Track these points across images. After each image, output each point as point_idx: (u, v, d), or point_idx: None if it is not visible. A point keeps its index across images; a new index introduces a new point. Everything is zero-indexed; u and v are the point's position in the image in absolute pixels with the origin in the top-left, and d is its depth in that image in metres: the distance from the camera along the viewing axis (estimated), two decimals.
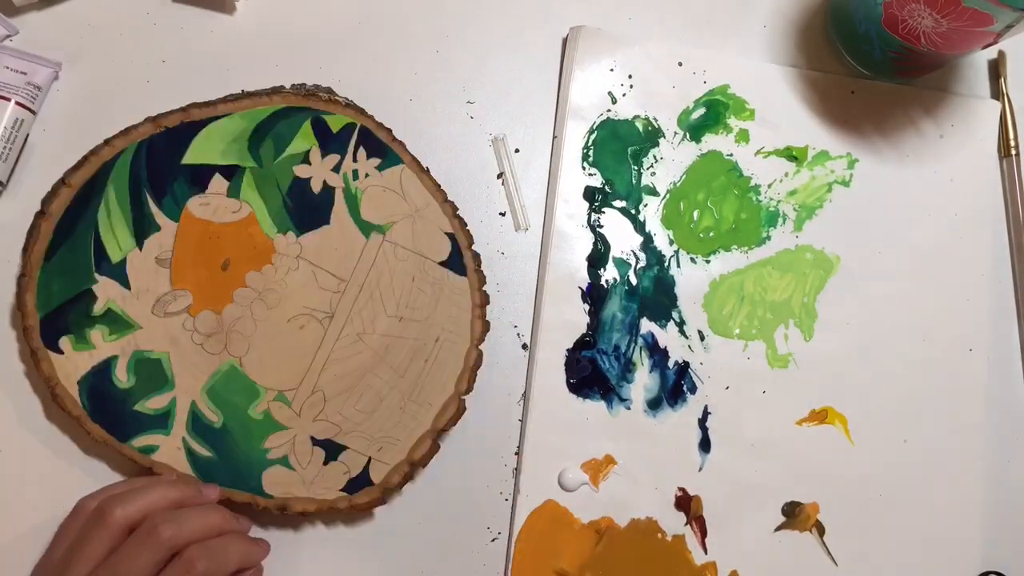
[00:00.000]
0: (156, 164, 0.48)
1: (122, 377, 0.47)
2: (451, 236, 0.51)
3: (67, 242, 0.47)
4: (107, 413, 0.46)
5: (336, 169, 0.50)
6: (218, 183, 0.49)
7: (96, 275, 0.47)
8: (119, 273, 0.47)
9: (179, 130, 0.49)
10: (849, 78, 0.57)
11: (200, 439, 0.47)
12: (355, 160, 0.50)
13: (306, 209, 0.49)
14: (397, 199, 0.50)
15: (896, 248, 0.56)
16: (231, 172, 0.49)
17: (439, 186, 0.51)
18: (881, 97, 0.57)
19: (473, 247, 0.51)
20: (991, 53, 0.60)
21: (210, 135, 0.49)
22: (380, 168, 0.50)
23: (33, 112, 0.50)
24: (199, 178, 0.49)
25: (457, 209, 0.51)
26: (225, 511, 0.44)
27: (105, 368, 0.47)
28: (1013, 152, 0.58)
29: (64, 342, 0.46)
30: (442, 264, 0.50)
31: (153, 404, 0.47)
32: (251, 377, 0.48)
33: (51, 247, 0.47)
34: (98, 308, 0.47)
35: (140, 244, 0.48)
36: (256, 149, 0.49)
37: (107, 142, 0.48)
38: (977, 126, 0.58)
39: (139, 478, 0.46)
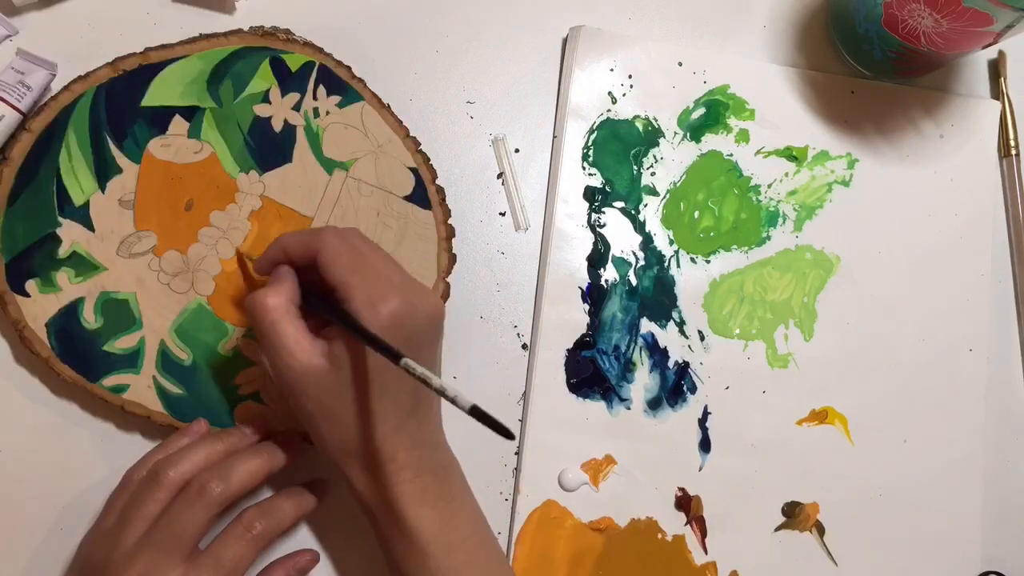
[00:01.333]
0: (116, 107, 0.48)
1: (90, 318, 0.47)
2: (414, 171, 0.51)
3: (29, 187, 0.47)
4: (76, 354, 0.47)
5: (297, 108, 0.50)
6: (178, 124, 0.49)
7: (60, 218, 0.47)
8: (83, 216, 0.48)
9: (138, 73, 0.49)
10: (849, 78, 0.57)
11: (170, 377, 0.47)
12: (315, 98, 0.50)
13: (268, 148, 0.50)
14: (359, 135, 0.50)
15: (896, 248, 0.56)
16: (191, 113, 0.49)
17: (401, 122, 0.51)
18: (881, 97, 0.57)
19: (437, 181, 0.51)
20: (991, 53, 0.60)
21: (169, 77, 0.49)
22: (340, 105, 0.50)
23: (23, 113, 0.49)
24: (159, 120, 0.49)
25: (420, 145, 0.51)
26: (264, 451, 0.44)
27: (72, 310, 0.47)
28: (1013, 152, 0.58)
29: (30, 285, 0.47)
30: (406, 199, 0.50)
31: (122, 344, 0.47)
32: (219, 315, 0.48)
33: (13, 192, 0.47)
34: (63, 251, 0.47)
35: (103, 187, 0.48)
36: (215, 90, 0.49)
37: (66, 87, 0.48)
38: (977, 126, 0.58)
39: (175, 437, 0.46)
